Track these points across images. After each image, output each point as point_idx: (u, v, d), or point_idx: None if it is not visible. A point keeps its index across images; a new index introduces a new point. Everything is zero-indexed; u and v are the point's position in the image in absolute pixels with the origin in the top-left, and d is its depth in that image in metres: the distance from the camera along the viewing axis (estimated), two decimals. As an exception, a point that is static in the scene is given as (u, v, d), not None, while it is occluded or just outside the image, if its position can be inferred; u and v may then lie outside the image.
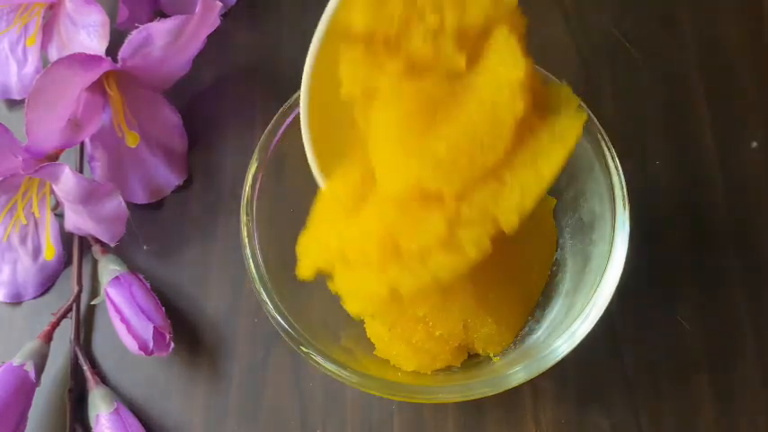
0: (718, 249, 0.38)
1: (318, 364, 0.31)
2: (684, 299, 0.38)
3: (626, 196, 0.33)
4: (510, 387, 0.31)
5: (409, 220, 0.28)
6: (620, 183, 0.33)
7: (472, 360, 0.34)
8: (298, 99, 0.33)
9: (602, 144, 0.33)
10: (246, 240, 0.33)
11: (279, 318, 0.32)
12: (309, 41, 0.44)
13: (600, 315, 0.31)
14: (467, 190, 0.28)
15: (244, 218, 0.33)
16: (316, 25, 0.44)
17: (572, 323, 0.31)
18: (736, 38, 0.43)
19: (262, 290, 0.32)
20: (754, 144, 0.41)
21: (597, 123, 0.34)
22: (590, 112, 0.34)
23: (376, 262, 0.28)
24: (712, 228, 0.39)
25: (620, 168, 0.33)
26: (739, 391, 0.36)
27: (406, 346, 0.33)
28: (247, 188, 0.34)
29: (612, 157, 0.33)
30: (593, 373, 0.36)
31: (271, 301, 0.32)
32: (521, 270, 0.35)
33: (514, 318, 0.34)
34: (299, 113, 0.32)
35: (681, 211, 0.39)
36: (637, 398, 0.36)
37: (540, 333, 0.34)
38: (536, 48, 0.43)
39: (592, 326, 0.31)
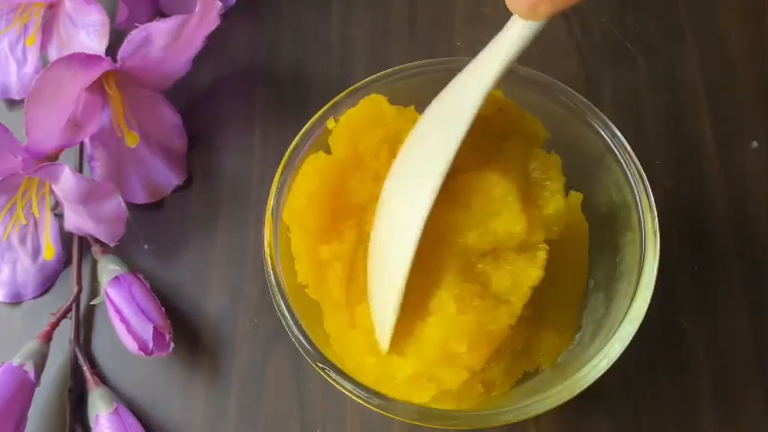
0: (719, 249, 0.38)
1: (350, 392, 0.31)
2: (684, 299, 0.38)
3: (646, 180, 0.33)
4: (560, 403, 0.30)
5: (477, 319, 0.30)
6: (637, 168, 0.33)
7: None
8: (320, 117, 0.34)
9: (611, 133, 0.33)
10: (269, 259, 0.33)
11: (300, 337, 0.32)
12: (308, 41, 0.44)
13: (647, 306, 0.31)
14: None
15: (268, 236, 0.33)
16: (315, 25, 0.44)
17: (621, 319, 0.31)
18: (736, 38, 0.43)
19: (283, 306, 0.32)
20: (755, 144, 0.41)
21: (602, 115, 0.34)
22: (592, 105, 0.34)
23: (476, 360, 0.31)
24: (712, 228, 0.39)
25: (633, 155, 0.33)
26: (739, 392, 0.36)
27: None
28: (270, 204, 0.34)
29: (623, 144, 0.33)
30: (594, 374, 0.36)
31: (293, 320, 0.32)
32: (560, 271, 0.34)
33: (568, 321, 0.34)
34: (321, 132, 0.34)
35: (681, 211, 0.39)
36: (637, 398, 0.36)
37: (583, 332, 0.33)
38: (536, 48, 0.43)
39: (640, 321, 0.31)
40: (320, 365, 0.31)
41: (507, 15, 0.44)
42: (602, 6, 0.44)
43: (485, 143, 0.33)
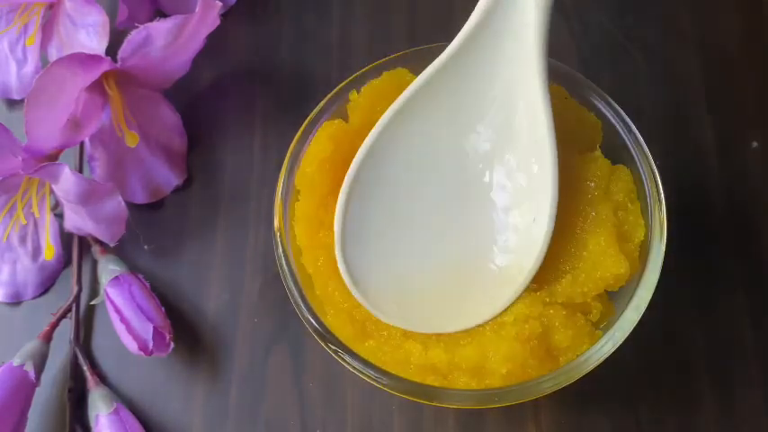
0: (719, 249, 0.39)
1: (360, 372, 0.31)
2: (684, 299, 0.38)
3: (658, 179, 0.33)
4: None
5: (528, 354, 0.31)
6: (651, 168, 0.33)
7: None
8: (342, 88, 0.35)
9: (626, 128, 0.34)
10: (279, 239, 0.33)
11: (313, 321, 0.32)
12: (308, 41, 0.44)
13: (649, 297, 0.32)
14: None
15: (277, 221, 0.34)
16: (315, 25, 0.44)
17: (623, 309, 0.32)
18: (736, 38, 0.43)
19: (293, 288, 0.32)
20: (755, 144, 0.41)
21: (618, 108, 0.34)
22: (610, 99, 0.35)
23: None
24: (712, 228, 0.39)
25: (648, 153, 0.34)
26: (739, 391, 0.36)
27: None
28: (279, 195, 0.34)
29: (637, 141, 0.34)
30: (593, 374, 0.36)
31: (303, 303, 0.32)
32: None
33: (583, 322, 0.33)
34: (341, 103, 0.34)
35: (681, 211, 0.39)
36: (637, 398, 0.36)
37: None
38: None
39: (641, 313, 0.31)
40: (332, 347, 0.31)
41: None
42: (602, 6, 0.44)
43: (568, 159, 0.33)
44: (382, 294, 0.32)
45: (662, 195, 0.33)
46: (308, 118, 0.35)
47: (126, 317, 0.36)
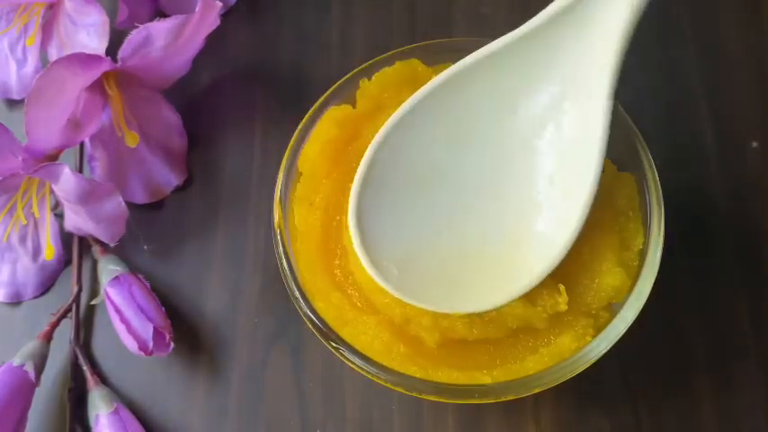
0: (719, 249, 0.39)
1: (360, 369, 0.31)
2: (684, 299, 0.38)
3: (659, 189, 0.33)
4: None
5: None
6: (655, 181, 0.33)
7: None
8: (351, 77, 0.35)
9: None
10: (279, 237, 0.33)
11: (312, 315, 0.32)
12: (308, 41, 0.44)
13: (647, 293, 0.32)
14: None
15: (276, 218, 0.34)
16: (315, 25, 0.44)
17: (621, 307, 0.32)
18: (736, 38, 0.43)
19: (294, 286, 0.32)
20: (755, 144, 0.41)
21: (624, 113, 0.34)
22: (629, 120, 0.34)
23: None
24: (712, 228, 0.39)
25: (654, 169, 0.34)
26: (739, 391, 0.36)
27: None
28: (278, 190, 0.34)
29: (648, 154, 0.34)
30: (593, 374, 0.36)
31: (303, 299, 0.32)
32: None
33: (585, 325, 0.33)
34: (349, 91, 0.34)
35: (681, 211, 0.39)
36: (637, 398, 0.36)
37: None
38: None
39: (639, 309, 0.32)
40: (333, 345, 0.31)
41: (507, 15, 0.44)
42: (602, 6, 0.44)
43: None
44: (386, 254, 0.31)
45: (662, 210, 0.33)
46: (316, 103, 0.35)
47: (126, 317, 0.36)
